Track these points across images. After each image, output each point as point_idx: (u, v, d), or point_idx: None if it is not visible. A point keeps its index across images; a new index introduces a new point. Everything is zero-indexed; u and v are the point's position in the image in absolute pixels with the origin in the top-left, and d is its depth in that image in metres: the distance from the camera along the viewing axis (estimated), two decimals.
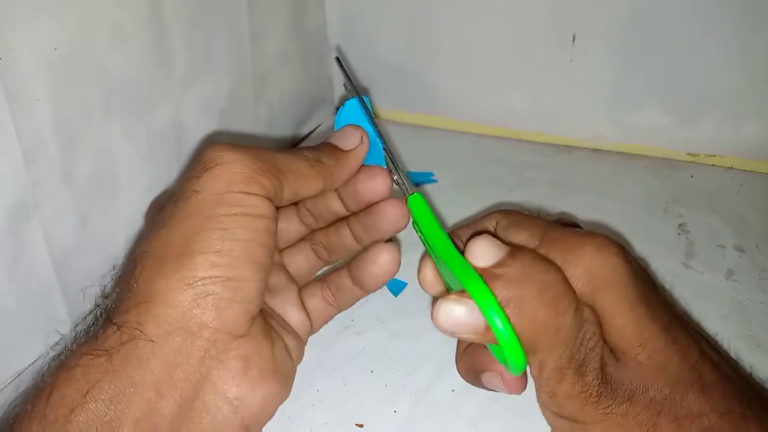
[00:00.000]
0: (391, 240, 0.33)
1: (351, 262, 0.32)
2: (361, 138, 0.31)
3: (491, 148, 0.56)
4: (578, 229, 0.29)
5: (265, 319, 0.28)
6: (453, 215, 0.46)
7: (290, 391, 0.28)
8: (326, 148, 0.30)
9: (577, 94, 0.53)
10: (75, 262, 0.36)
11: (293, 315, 0.31)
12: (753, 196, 0.49)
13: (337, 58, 0.35)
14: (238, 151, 0.26)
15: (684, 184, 0.50)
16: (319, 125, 0.60)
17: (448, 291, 0.31)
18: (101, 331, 0.24)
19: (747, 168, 0.52)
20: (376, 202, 0.32)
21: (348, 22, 0.58)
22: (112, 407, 0.22)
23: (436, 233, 0.28)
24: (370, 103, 0.32)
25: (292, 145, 0.57)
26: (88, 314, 0.27)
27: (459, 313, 0.24)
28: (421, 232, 0.30)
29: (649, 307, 0.25)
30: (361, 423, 0.32)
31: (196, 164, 0.26)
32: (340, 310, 0.33)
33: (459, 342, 0.31)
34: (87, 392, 0.22)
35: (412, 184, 0.31)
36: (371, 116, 0.32)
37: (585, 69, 0.52)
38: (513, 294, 0.24)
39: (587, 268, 0.26)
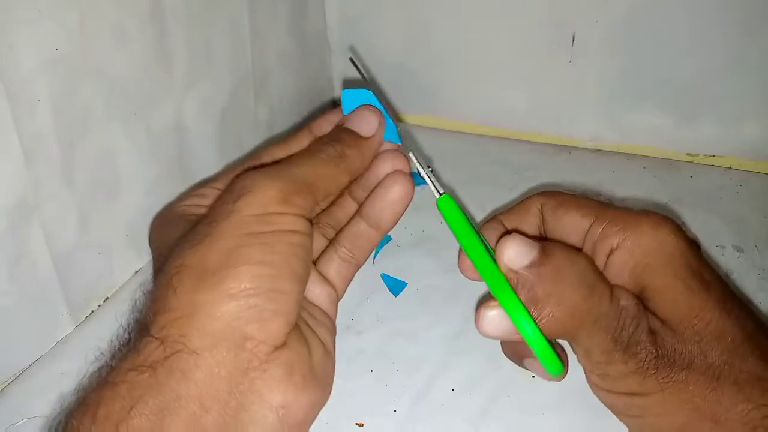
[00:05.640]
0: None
1: (363, 205, 0.32)
2: (379, 122, 0.31)
3: (491, 148, 0.56)
4: (631, 208, 0.30)
5: (298, 323, 0.28)
6: None
7: (330, 393, 0.28)
8: (346, 137, 0.30)
9: (576, 94, 0.54)
10: (76, 262, 0.36)
11: (318, 291, 0.31)
12: (752, 196, 0.49)
13: (351, 59, 0.35)
14: (270, 176, 0.27)
15: (683, 184, 0.50)
16: None
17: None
18: (143, 345, 0.24)
19: (746, 168, 0.52)
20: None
21: (348, 22, 0.58)
22: (157, 422, 0.22)
23: (467, 236, 0.28)
24: (376, 98, 0.32)
25: None
26: (123, 329, 0.27)
27: (497, 321, 0.26)
28: (453, 229, 0.30)
29: (703, 281, 0.27)
30: (362, 423, 0.32)
31: (230, 192, 0.27)
32: (358, 266, 0.33)
33: None
34: (131, 408, 0.22)
35: (439, 185, 0.31)
36: (381, 101, 0.32)
37: (585, 69, 0.52)
38: (552, 291, 0.25)
39: (645, 245, 0.27)
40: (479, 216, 0.47)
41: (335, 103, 0.33)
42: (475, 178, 0.51)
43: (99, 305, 0.39)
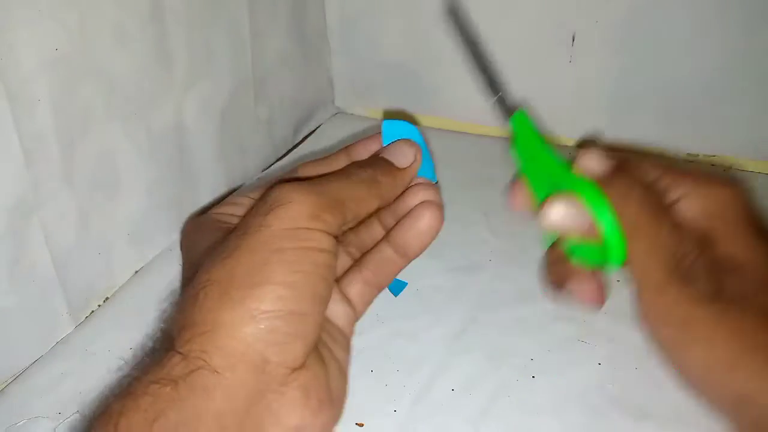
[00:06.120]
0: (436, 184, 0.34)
1: (391, 232, 0.32)
2: (415, 156, 0.32)
3: (491, 148, 0.56)
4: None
5: (317, 343, 0.28)
6: (453, 215, 0.46)
7: (343, 411, 0.28)
8: (382, 165, 0.31)
9: (576, 95, 0.54)
10: (76, 262, 0.36)
11: (337, 310, 0.31)
12: (753, 196, 0.49)
13: (451, 10, 0.35)
14: (303, 190, 0.27)
15: None
16: (320, 125, 0.60)
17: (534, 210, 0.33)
18: (166, 359, 0.24)
19: (746, 168, 0.52)
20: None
21: (348, 22, 0.58)
22: None
23: (542, 148, 0.31)
24: (420, 134, 0.33)
25: (292, 146, 0.57)
26: (149, 340, 0.27)
27: (570, 210, 0.28)
28: (522, 149, 0.32)
29: (764, 235, 0.28)
30: (362, 422, 0.32)
31: (263, 204, 0.27)
32: (380, 289, 0.33)
33: (549, 253, 0.33)
34: (153, 421, 0.23)
35: (511, 104, 0.32)
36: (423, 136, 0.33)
37: (585, 69, 0.52)
38: (618, 201, 0.27)
39: (712, 196, 0.29)
40: (480, 218, 0.47)
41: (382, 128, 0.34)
42: (475, 178, 0.51)
43: (99, 305, 0.39)
